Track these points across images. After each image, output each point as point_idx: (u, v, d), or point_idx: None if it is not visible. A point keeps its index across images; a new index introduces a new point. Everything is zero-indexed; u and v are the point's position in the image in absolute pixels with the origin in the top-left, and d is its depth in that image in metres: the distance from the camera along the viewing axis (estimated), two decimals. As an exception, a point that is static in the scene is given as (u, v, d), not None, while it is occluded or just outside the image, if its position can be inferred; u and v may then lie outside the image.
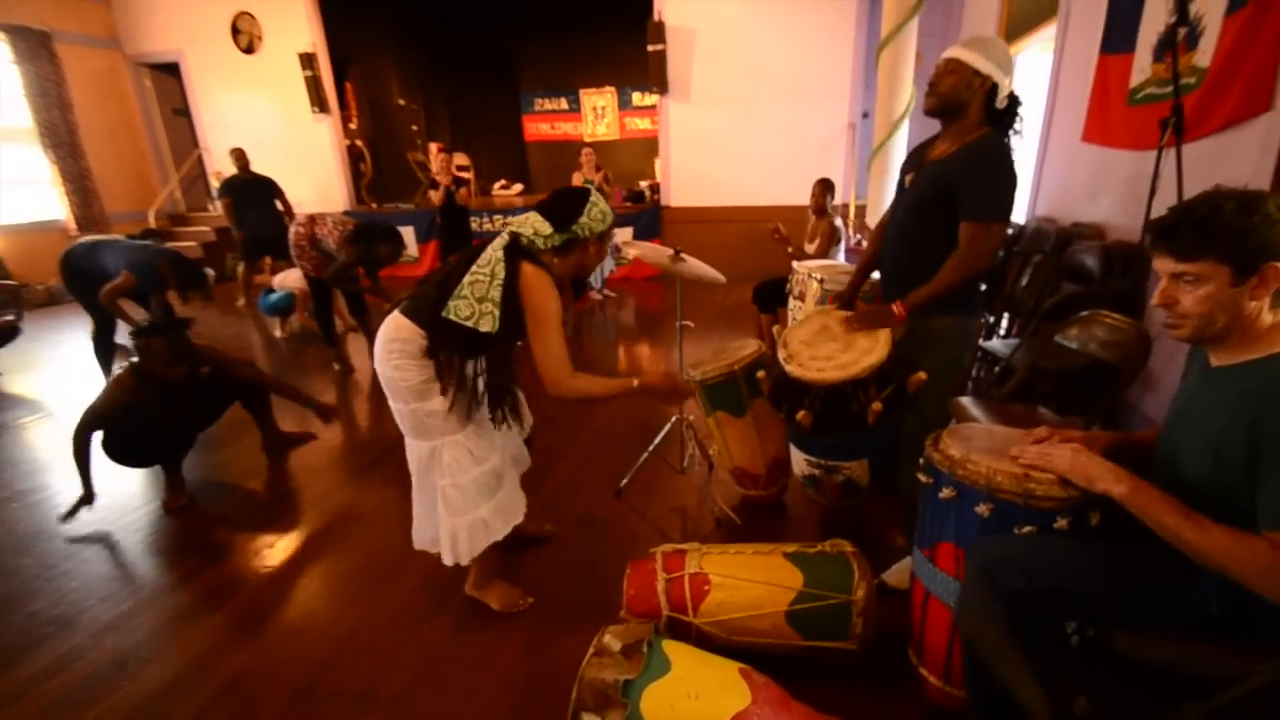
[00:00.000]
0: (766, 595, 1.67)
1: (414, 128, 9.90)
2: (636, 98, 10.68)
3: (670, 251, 2.41)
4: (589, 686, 1.37)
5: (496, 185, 10.47)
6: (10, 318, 4.89)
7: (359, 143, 8.70)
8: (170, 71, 8.40)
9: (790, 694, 1.41)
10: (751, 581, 1.69)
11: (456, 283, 1.66)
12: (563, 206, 1.71)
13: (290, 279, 5.50)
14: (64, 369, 4.86)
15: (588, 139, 10.82)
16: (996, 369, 3.08)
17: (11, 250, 7.04)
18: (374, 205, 8.54)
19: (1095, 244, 3.02)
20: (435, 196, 6.08)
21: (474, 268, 1.66)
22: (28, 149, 7.35)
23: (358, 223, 4.14)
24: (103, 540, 2.56)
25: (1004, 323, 3.89)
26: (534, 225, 1.70)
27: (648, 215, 7.49)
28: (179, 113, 8.70)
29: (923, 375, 1.71)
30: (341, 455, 3.23)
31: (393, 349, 1.72)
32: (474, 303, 1.63)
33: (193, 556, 2.40)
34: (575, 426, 3.43)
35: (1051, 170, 4.11)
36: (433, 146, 9.71)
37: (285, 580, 2.26)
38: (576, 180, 6.15)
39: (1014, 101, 1.79)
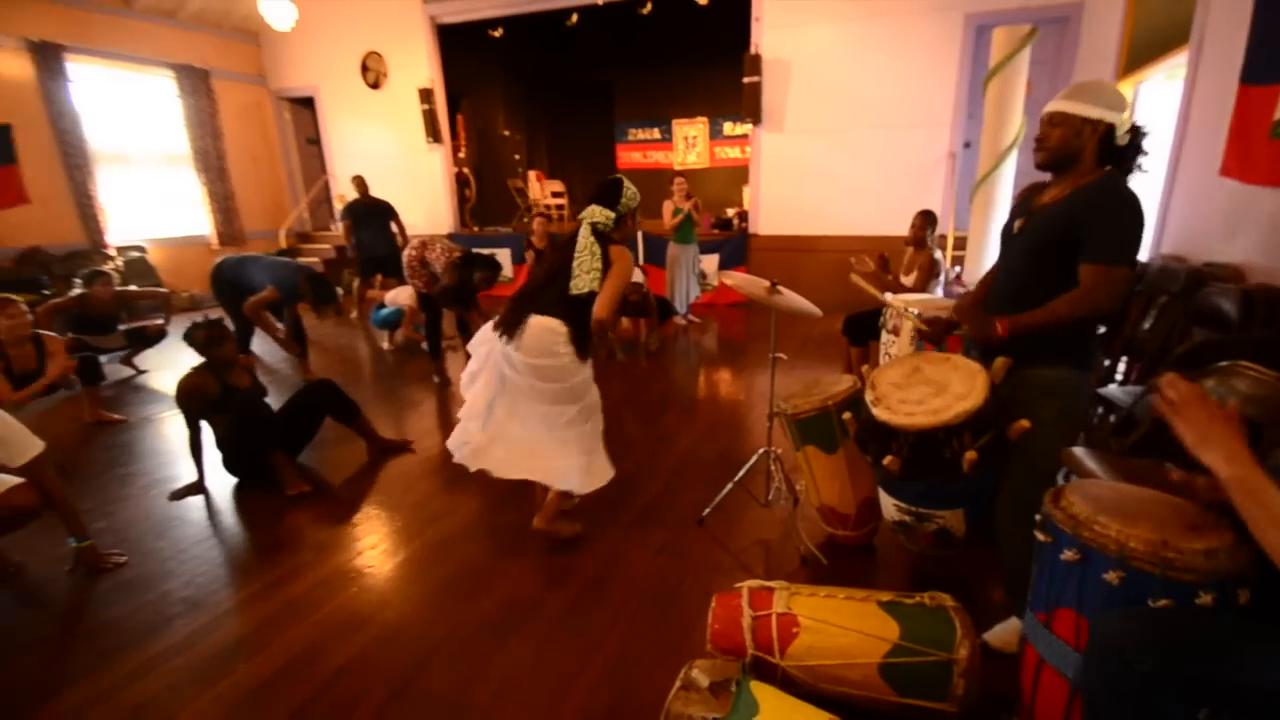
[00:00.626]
0: (859, 644, 1.60)
1: (516, 156, 10.41)
2: (728, 127, 10.78)
3: (766, 283, 2.41)
4: (675, 720, 1.37)
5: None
6: (160, 321, 5.49)
7: (466, 170, 9.24)
8: (306, 105, 9.28)
9: (884, 752, 1.35)
10: (843, 629, 1.63)
11: (568, 274, 2.25)
12: (610, 193, 2.35)
13: (401, 295, 5.90)
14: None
15: (678, 167, 11.00)
16: (1112, 418, 2.85)
17: (163, 261, 7.92)
18: (476, 228, 9.01)
19: (1233, 287, 2.75)
20: (529, 256, 6.36)
21: (575, 255, 2.25)
22: (183, 172, 8.31)
23: (464, 251, 4.47)
24: (227, 529, 2.81)
25: (1121, 367, 3.60)
26: (602, 214, 2.32)
27: (734, 243, 7.50)
28: (311, 141, 9.58)
29: (1025, 424, 1.61)
30: (437, 465, 3.39)
31: (553, 340, 2.25)
32: (584, 275, 2.24)
33: (304, 552, 2.59)
34: (658, 453, 3.45)
35: (1180, 205, 3.80)
36: (531, 174, 10.18)
37: (384, 581, 2.39)
38: (668, 208, 6.26)
39: (1136, 134, 1.69)
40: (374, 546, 2.62)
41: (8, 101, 6.67)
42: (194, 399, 3.01)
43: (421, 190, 8.76)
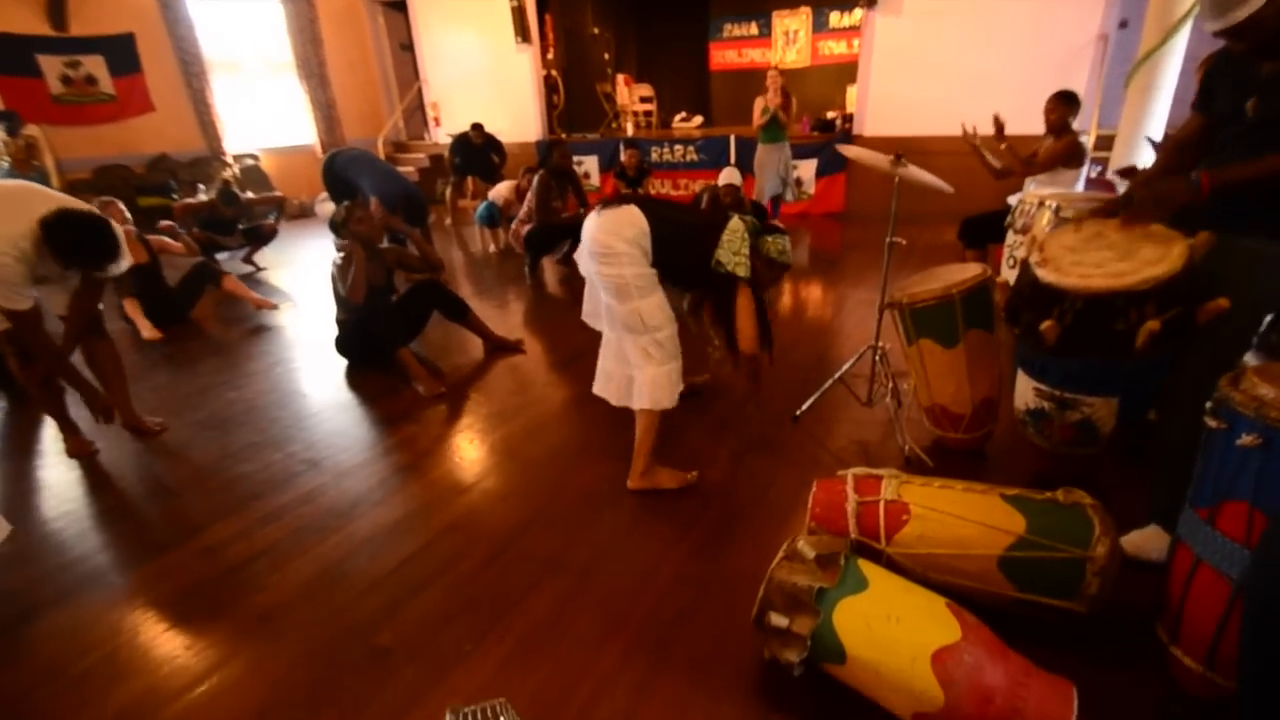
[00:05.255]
0: (977, 536, 1.49)
1: (605, 56, 9.98)
2: (834, 18, 9.78)
3: (891, 156, 2.17)
4: (778, 588, 1.33)
5: (677, 118, 10.31)
6: (272, 221, 5.82)
7: (554, 73, 8.97)
8: (399, 9, 9.19)
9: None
10: (960, 519, 1.52)
11: (714, 242, 2.04)
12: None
13: (501, 190, 5.98)
14: (312, 268, 5.70)
15: (775, 66, 10.19)
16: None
17: (275, 169, 8.30)
18: (563, 135, 8.82)
19: None
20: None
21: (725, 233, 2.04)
22: (288, 80, 8.53)
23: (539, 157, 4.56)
24: (341, 404, 2.99)
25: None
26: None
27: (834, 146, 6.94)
28: (404, 48, 9.54)
29: (1224, 303, 1.36)
30: (535, 357, 3.46)
31: (626, 234, 1.93)
32: (730, 255, 2.03)
33: (409, 426, 2.72)
34: (752, 353, 3.34)
35: None
36: (619, 78, 9.75)
37: (487, 455, 2.49)
38: (758, 106, 5.82)
39: None
40: (474, 425, 2.72)
41: (129, 11, 6.98)
42: (335, 285, 3.19)
43: (509, 95, 8.61)
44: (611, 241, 1.92)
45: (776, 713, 1.34)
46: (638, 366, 2.02)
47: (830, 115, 7.70)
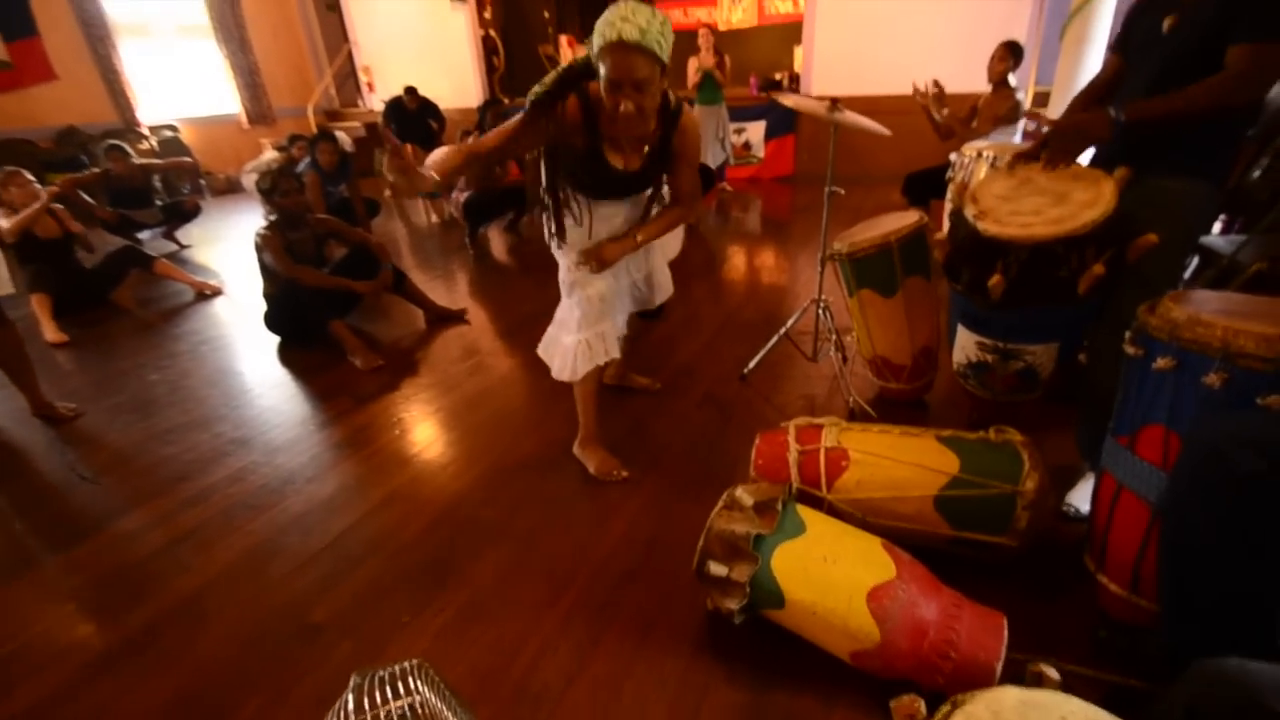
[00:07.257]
0: (913, 477, 1.51)
1: (545, 14, 9.64)
2: (780, -22, 9.65)
3: (826, 101, 2.14)
4: (717, 537, 1.31)
5: (625, 81, 10.10)
6: (192, 194, 5.46)
7: (493, 33, 8.62)
8: (322, -35, 8.66)
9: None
10: (897, 461, 1.54)
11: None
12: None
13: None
14: (242, 244, 5.39)
15: (722, 27, 10.01)
16: (1209, 272, 2.56)
17: (196, 140, 7.80)
18: (505, 99, 8.53)
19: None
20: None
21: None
22: (205, 44, 7.96)
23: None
24: (273, 381, 2.85)
25: (1217, 227, 3.21)
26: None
27: (782, 107, 6.90)
28: (330, 8, 9.01)
29: (1152, 238, 1.40)
30: (479, 326, 3.35)
31: None
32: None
33: (345, 401, 2.61)
34: (698, 315, 3.32)
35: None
36: (563, 39, 9.45)
37: (427, 426, 2.40)
38: (692, 67, 5.73)
39: None
40: (415, 396, 2.63)
41: (19, -35, 6.36)
42: (260, 255, 3.03)
43: (446, 57, 8.25)
44: None
45: (720, 663, 1.34)
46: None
47: (778, 76, 7.63)
